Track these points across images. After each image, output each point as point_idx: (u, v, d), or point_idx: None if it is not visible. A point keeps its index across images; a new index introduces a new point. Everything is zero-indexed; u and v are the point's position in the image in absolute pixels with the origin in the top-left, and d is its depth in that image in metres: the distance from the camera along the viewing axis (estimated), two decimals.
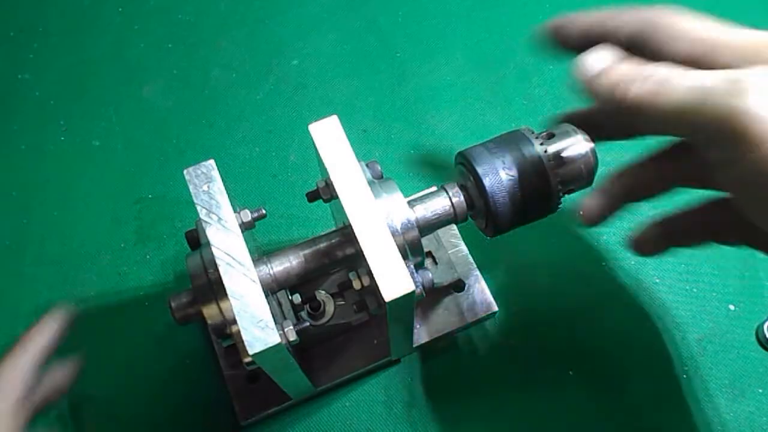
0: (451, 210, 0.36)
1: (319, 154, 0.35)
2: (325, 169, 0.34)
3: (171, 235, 0.50)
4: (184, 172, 0.34)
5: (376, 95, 0.56)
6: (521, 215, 0.35)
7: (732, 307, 0.45)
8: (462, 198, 0.36)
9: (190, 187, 0.34)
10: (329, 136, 0.35)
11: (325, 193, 0.36)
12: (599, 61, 0.30)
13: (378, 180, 0.36)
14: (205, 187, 0.33)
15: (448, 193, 0.37)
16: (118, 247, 0.50)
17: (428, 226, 0.37)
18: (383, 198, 0.34)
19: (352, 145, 0.34)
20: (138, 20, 0.61)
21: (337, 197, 0.34)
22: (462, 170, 0.37)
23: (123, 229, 0.51)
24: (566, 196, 0.36)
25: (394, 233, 0.33)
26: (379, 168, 0.37)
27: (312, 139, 0.35)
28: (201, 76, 0.57)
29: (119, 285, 0.48)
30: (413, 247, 0.35)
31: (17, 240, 0.51)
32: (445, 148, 0.53)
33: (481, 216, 0.36)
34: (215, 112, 0.56)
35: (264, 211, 0.35)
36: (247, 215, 0.35)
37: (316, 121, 0.35)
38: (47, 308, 0.47)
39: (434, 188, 0.40)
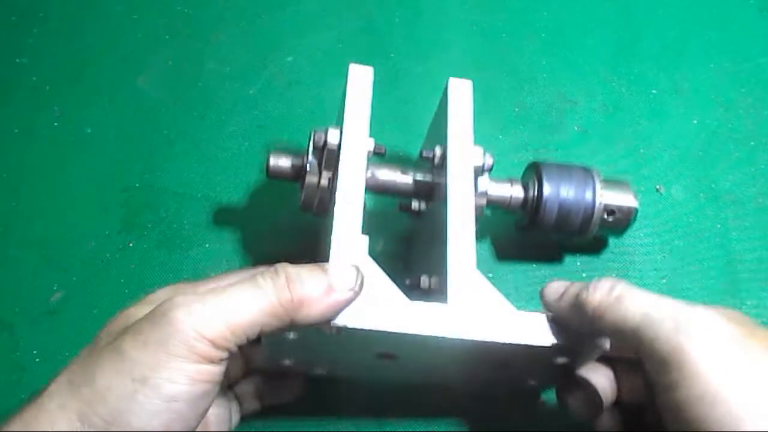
0: (508, 199, 0.44)
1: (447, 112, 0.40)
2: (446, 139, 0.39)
3: (155, 225, 0.50)
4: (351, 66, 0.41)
5: None
6: (559, 227, 0.43)
7: None
8: (521, 196, 0.44)
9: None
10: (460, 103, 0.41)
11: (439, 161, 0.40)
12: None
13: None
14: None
15: (511, 185, 0.44)
16: (102, 234, 0.50)
17: (490, 201, 0.44)
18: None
19: None
20: (137, 10, 0.61)
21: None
22: (530, 175, 0.45)
23: (109, 217, 0.51)
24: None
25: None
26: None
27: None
28: (195, 68, 0.58)
29: (101, 271, 0.49)
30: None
31: (4, 222, 0.51)
32: None
33: (526, 214, 0.44)
34: (207, 105, 0.56)
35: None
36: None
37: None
38: (30, 291, 0.49)
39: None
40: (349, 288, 0.30)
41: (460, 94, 0.41)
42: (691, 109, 0.55)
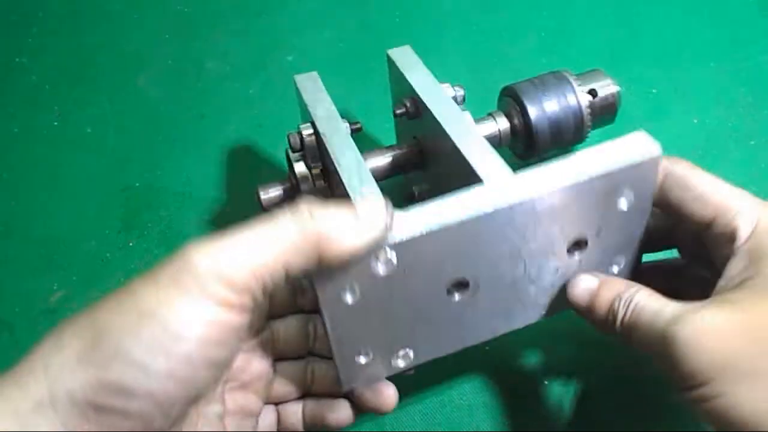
0: (498, 134, 0.43)
1: (404, 76, 0.41)
2: (413, 88, 0.40)
3: (155, 224, 0.50)
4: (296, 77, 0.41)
5: (368, 94, 0.56)
6: (556, 140, 0.43)
7: None
8: (508, 125, 0.43)
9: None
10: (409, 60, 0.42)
11: (412, 108, 0.41)
12: (587, 286, 0.34)
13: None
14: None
15: (495, 120, 0.43)
16: (102, 234, 0.50)
17: None
18: None
19: None
20: (137, 10, 0.62)
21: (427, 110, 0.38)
22: (508, 101, 0.44)
23: (109, 216, 0.51)
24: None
25: None
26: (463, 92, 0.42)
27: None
28: (195, 67, 0.58)
29: (101, 271, 0.49)
30: None
31: (4, 221, 0.51)
32: None
33: (520, 141, 0.44)
34: (207, 104, 0.56)
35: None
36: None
37: None
38: (30, 291, 0.49)
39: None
40: (380, 215, 0.27)
41: (404, 53, 0.43)
42: (691, 108, 0.55)
